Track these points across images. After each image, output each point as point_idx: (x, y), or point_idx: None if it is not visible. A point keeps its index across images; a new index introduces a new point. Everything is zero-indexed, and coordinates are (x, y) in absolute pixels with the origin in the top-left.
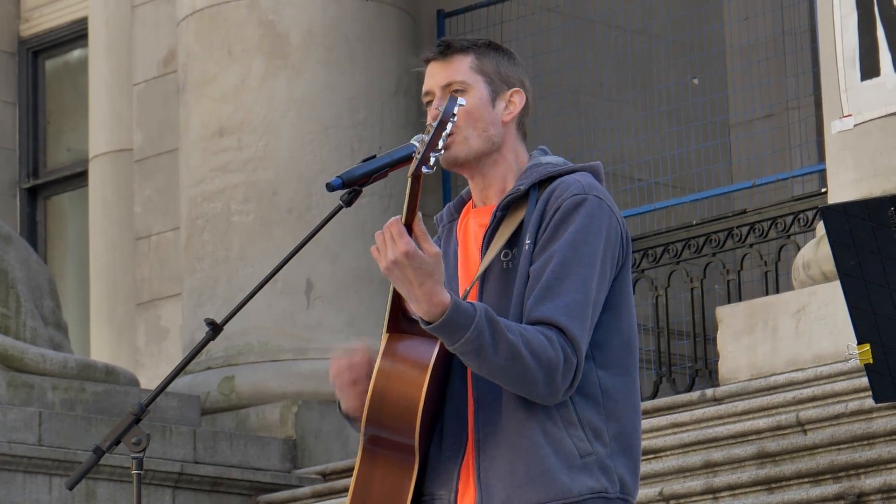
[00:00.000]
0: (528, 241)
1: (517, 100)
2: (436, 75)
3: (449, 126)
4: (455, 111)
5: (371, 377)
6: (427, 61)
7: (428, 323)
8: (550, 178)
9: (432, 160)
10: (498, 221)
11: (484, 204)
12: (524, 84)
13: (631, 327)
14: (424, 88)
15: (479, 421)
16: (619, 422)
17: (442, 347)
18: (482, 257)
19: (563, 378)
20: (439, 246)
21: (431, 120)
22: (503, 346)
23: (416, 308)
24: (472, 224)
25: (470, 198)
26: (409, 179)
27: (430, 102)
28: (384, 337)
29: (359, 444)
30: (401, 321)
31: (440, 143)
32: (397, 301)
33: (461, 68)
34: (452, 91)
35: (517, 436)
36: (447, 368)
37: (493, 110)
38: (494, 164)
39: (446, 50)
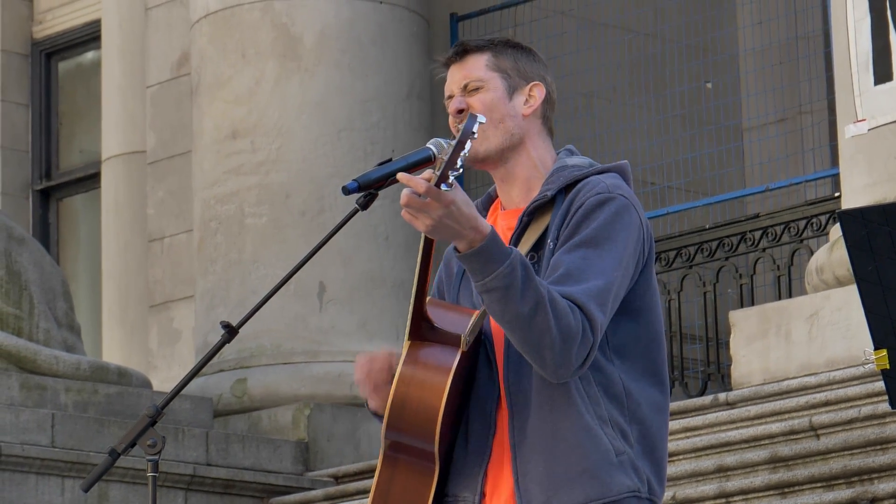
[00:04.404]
0: (550, 241)
1: (537, 93)
2: (454, 77)
3: (468, 144)
4: (475, 129)
5: (392, 383)
6: (446, 64)
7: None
8: (576, 182)
9: (451, 178)
10: (524, 227)
11: (510, 205)
12: (545, 79)
13: (655, 331)
14: (446, 92)
15: (513, 427)
16: (642, 424)
17: (463, 354)
18: None
19: (577, 351)
20: None
21: (454, 124)
22: (531, 293)
23: (463, 243)
24: (500, 225)
25: (497, 196)
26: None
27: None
28: (406, 344)
29: (380, 449)
30: (422, 328)
31: (459, 162)
32: (419, 308)
33: (477, 66)
34: (469, 88)
35: (553, 439)
36: (469, 375)
37: (511, 103)
38: (518, 161)
39: (462, 51)
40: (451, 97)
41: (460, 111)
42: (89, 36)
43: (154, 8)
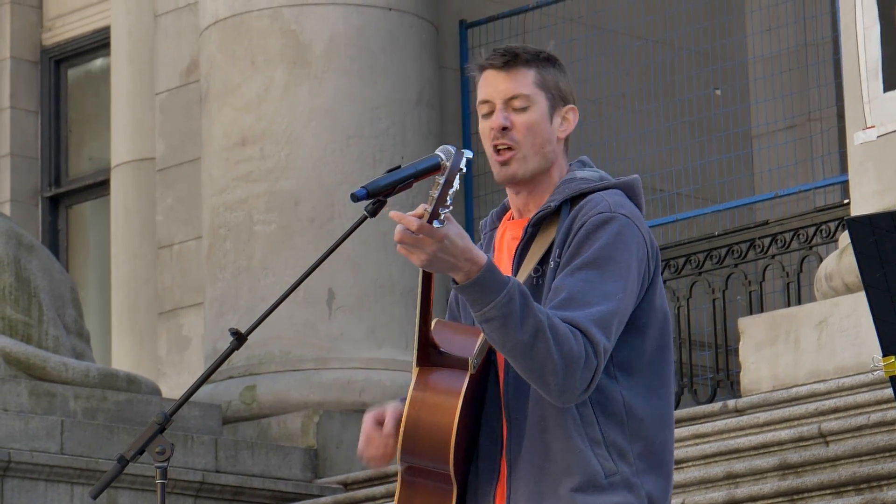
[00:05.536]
0: (552, 260)
1: (571, 117)
2: (499, 86)
3: (456, 183)
4: (462, 166)
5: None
6: (487, 68)
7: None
8: (582, 195)
9: (442, 215)
10: (529, 238)
11: (521, 216)
12: (575, 100)
13: (662, 345)
14: (483, 97)
15: (510, 442)
16: (644, 440)
17: (472, 377)
18: (514, 272)
19: (581, 375)
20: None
21: (490, 129)
22: (530, 321)
23: (460, 275)
24: (508, 235)
25: (510, 207)
26: (429, 210)
27: (488, 114)
28: (414, 371)
29: (397, 473)
30: (430, 354)
31: (448, 200)
32: (424, 334)
33: (524, 82)
34: (515, 105)
35: (543, 458)
36: (480, 397)
37: (551, 127)
38: (543, 180)
39: (512, 61)
40: (486, 102)
41: (504, 129)
42: (98, 43)
43: (163, 15)
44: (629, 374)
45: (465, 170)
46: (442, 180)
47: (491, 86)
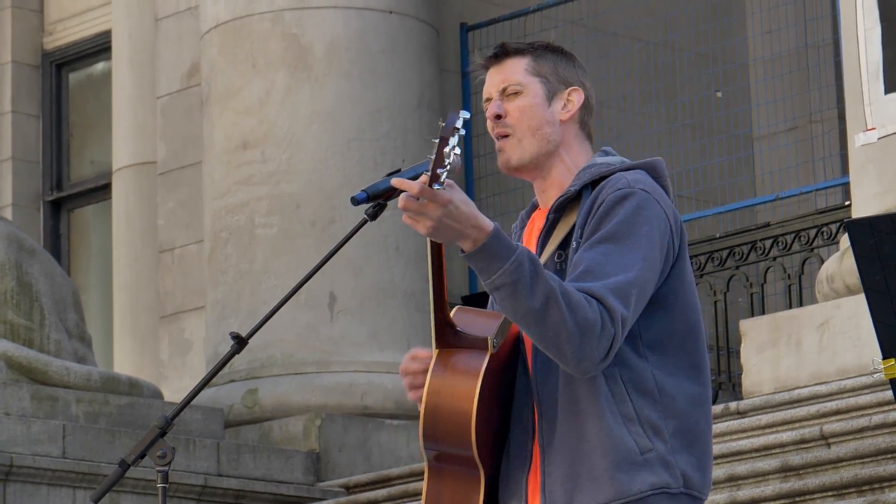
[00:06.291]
0: (574, 241)
1: (575, 98)
2: (493, 80)
3: (453, 140)
4: (457, 125)
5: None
6: (485, 66)
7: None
8: (602, 178)
9: (443, 177)
10: (552, 224)
11: (545, 206)
12: (584, 84)
13: (692, 323)
14: (484, 94)
15: (542, 428)
16: (678, 418)
17: (497, 360)
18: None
19: (598, 344)
20: None
21: (492, 128)
22: (541, 288)
23: (468, 242)
24: (535, 226)
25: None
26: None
27: None
28: (434, 353)
29: (424, 462)
30: (447, 335)
31: (446, 160)
32: (440, 315)
33: (516, 70)
34: (508, 93)
35: (577, 440)
36: (505, 379)
37: (549, 109)
38: (553, 166)
39: (501, 53)
40: (488, 100)
41: (498, 116)
42: (100, 47)
43: (164, 19)
44: (659, 354)
45: (461, 129)
46: (437, 140)
47: (488, 81)
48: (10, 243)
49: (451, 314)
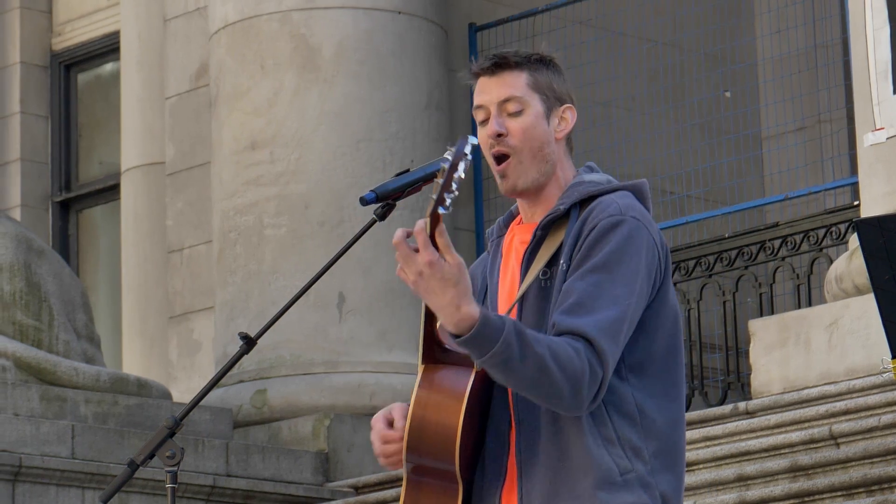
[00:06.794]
0: (563, 262)
1: (569, 116)
2: (491, 91)
3: (461, 166)
4: (466, 151)
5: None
6: (479, 74)
7: (457, 336)
8: (591, 198)
9: (448, 201)
10: (538, 241)
11: (530, 221)
12: (573, 99)
13: (672, 346)
14: (477, 102)
15: (520, 444)
16: (658, 440)
17: (478, 375)
18: (522, 276)
19: (587, 390)
20: (487, 261)
21: (486, 140)
22: (530, 358)
23: (444, 320)
24: (516, 240)
25: (519, 213)
26: (428, 219)
27: (484, 121)
28: (420, 368)
29: (403, 473)
30: (435, 351)
31: (454, 185)
32: (430, 332)
33: (517, 85)
34: (509, 109)
35: (558, 458)
36: (486, 396)
37: (548, 128)
38: (548, 184)
39: (502, 64)
40: (481, 107)
41: (500, 135)
42: (108, 47)
43: (173, 19)
44: (640, 376)
45: (469, 156)
46: (447, 165)
47: (484, 91)
48: (18, 244)
49: (439, 327)
